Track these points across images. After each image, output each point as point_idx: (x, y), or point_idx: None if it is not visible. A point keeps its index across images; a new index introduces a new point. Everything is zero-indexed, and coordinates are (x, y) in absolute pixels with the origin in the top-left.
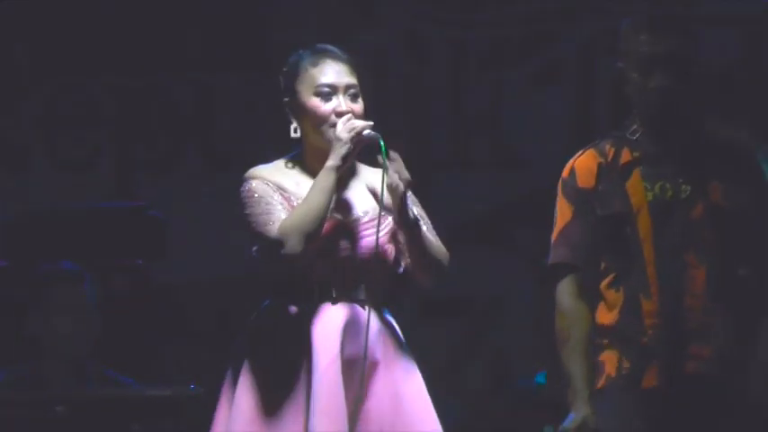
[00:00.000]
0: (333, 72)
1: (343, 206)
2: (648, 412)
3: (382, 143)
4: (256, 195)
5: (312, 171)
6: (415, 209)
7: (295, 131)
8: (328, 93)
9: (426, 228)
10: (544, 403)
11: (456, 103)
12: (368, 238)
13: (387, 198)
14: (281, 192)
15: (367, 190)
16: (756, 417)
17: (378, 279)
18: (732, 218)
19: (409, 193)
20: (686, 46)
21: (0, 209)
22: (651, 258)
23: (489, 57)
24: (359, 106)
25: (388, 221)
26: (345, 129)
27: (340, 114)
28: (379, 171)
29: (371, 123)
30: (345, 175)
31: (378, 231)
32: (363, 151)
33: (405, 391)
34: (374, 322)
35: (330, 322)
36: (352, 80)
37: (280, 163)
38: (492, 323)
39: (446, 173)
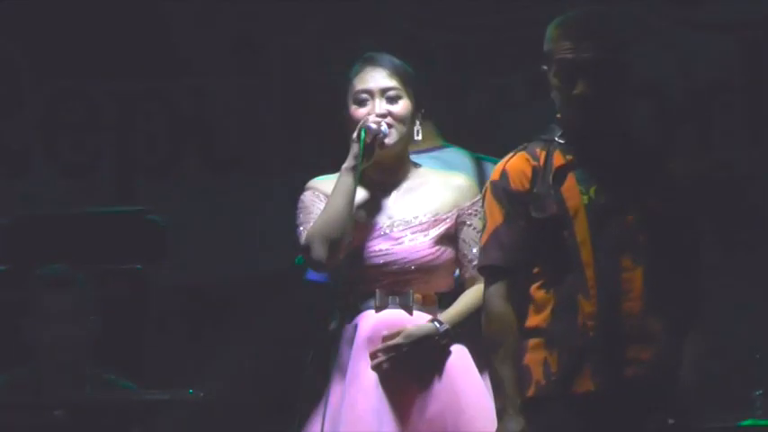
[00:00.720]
0: (369, 78)
1: (390, 210)
2: (582, 418)
3: (363, 132)
4: (303, 205)
5: (368, 179)
6: (473, 228)
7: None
8: (365, 98)
9: (473, 252)
10: None
11: (456, 108)
12: (411, 243)
13: (441, 202)
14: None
15: (433, 193)
16: (682, 422)
17: (431, 285)
18: (665, 223)
19: (475, 208)
20: (610, 52)
21: (0, 213)
22: (590, 260)
23: (490, 62)
24: (398, 107)
25: (441, 226)
26: (357, 129)
27: (381, 117)
28: (447, 175)
29: (370, 116)
30: (400, 178)
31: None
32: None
33: (464, 389)
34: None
35: (368, 331)
36: (389, 83)
37: None
38: None
39: None
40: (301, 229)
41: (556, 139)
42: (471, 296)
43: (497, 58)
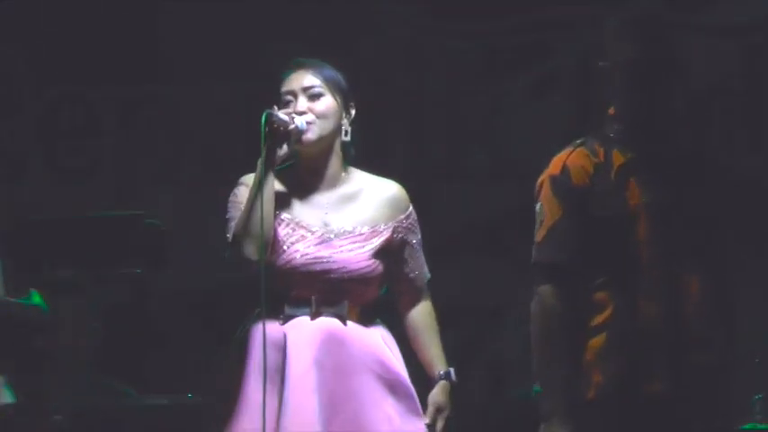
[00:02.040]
0: (292, 79)
1: (327, 216)
2: (645, 421)
3: (263, 119)
4: (235, 200)
5: (299, 179)
6: (413, 243)
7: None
8: (289, 99)
9: (415, 262)
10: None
11: (455, 114)
12: (350, 253)
13: (379, 214)
14: None
15: (370, 204)
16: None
17: (363, 296)
18: (719, 224)
19: (410, 221)
20: (670, 52)
21: (0, 218)
22: (652, 262)
23: (488, 67)
24: (320, 104)
25: (378, 238)
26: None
27: (299, 114)
28: (380, 181)
29: (275, 108)
30: (333, 181)
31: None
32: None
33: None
34: (359, 339)
35: (305, 336)
36: (311, 81)
37: (280, 169)
38: (491, 333)
39: (445, 183)
40: (230, 225)
41: (611, 135)
42: (435, 325)
43: (497, 62)
